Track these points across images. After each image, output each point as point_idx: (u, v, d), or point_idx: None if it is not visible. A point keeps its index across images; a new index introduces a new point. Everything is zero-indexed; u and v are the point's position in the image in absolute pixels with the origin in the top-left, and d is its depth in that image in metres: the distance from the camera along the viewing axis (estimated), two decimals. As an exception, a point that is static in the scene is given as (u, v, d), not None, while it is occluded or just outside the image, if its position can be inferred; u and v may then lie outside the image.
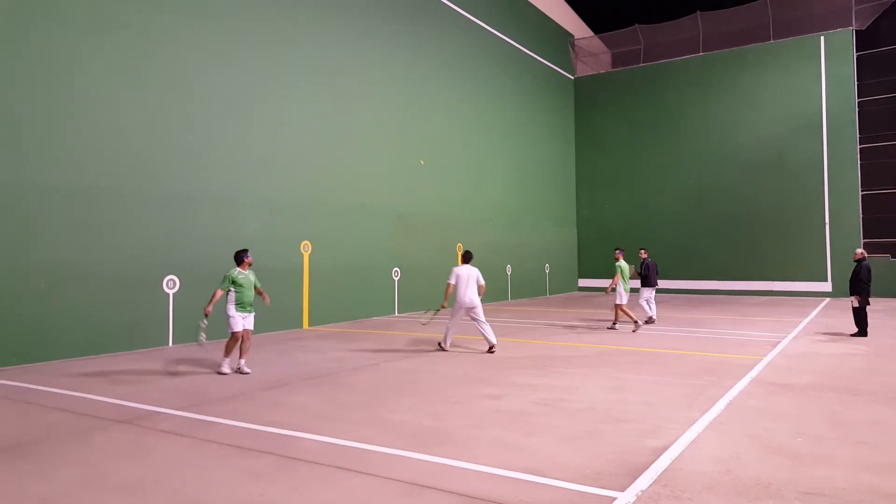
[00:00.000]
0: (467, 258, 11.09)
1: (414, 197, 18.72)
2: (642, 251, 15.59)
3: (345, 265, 16.05)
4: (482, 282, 10.85)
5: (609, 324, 14.65)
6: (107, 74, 11.17)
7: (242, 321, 9.05)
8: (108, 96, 11.17)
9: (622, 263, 14.33)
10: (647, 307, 15.12)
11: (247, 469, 4.82)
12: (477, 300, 10.72)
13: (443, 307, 11.04)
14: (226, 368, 8.99)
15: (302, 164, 14.98)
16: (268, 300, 9.55)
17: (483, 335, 10.69)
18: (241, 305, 9.05)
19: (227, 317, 9.04)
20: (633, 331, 13.48)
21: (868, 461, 4.85)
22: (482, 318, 10.72)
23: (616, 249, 14.87)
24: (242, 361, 9.04)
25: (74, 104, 10.68)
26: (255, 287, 9.25)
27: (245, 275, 9.15)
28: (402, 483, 4.47)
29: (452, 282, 10.71)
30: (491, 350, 10.69)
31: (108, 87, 11.18)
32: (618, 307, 13.98)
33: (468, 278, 10.71)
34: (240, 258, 9.24)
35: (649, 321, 14.98)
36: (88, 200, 10.78)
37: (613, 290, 14.23)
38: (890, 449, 5.17)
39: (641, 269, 15.15)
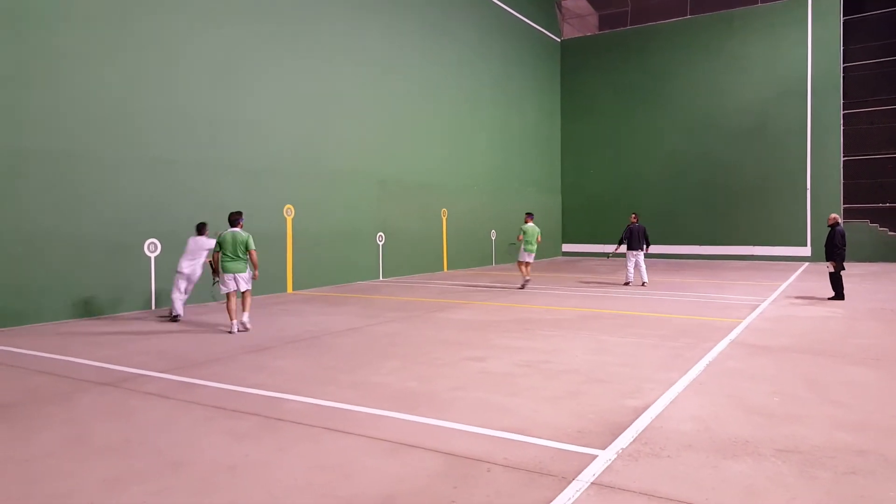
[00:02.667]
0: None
1: (398, 162, 18.57)
2: (632, 216, 16.33)
3: (328, 230, 15.96)
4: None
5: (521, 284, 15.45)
6: (86, 35, 10.85)
7: (231, 281, 9.24)
8: (87, 58, 10.88)
9: (524, 226, 15.28)
10: (629, 270, 15.73)
11: (232, 430, 4.84)
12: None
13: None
14: (234, 328, 9.26)
15: (285, 129, 14.76)
16: (256, 273, 9.61)
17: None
18: (223, 267, 9.25)
19: None
20: (520, 287, 15.06)
21: (842, 420, 4.97)
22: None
23: (527, 213, 15.86)
24: (245, 317, 9.38)
25: (55, 67, 10.40)
26: (248, 248, 9.32)
27: (231, 234, 9.26)
28: (388, 442, 4.52)
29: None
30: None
31: (88, 49, 10.88)
32: (518, 264, 15.35)
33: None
34: (230, 220, 9.44)
35: (627, 284, 15.66)
36: (68, 164, 10.58)
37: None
38: (863, 408, 5.31)
39: (623, 234, 15.98)
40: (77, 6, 10.74)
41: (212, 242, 10.28)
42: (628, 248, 15.76)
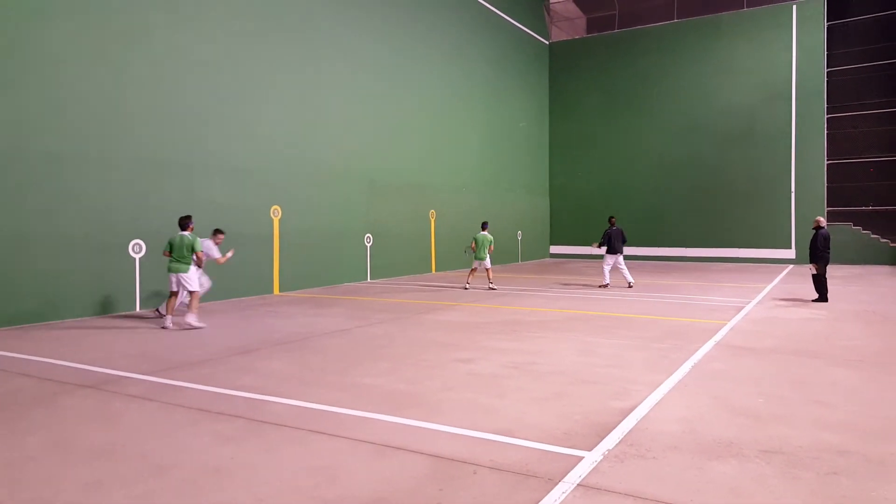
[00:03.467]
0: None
1: (387, 163, 18.54)
2: (610, 219, 16.37)
3: (316, 231, 15.91)
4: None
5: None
6: (74, 35, 10.75)
7: (173, 281, 9.89)
8: (74, 58, 10.78)
9: (477, 235, 15.61)
10: (606, 273, 15.79)
11: (217, 433, 4.81)
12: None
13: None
14: (167, 323, 9.76)
15: (272, 130, 14.70)
16: (202, 266, 10.29)
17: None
18: (168, 267, 9.90)
19: None
20: (465, 288, 15.57)
21: (826, 420, 5.02)
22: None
23: (483, 223, 16.14)
24: (191, 317, 9.78)
25: (40, 66, 10.28)
26: (193, 250, 9.85)
27: (179, 237, 9.86)
28: (374, 445, 4.51)
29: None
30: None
31: (75, 49, 10.78)
32: (471, 271, 15.82)
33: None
34: (181, 223, 10.02)
35: (603, 286, 15.64)
36: (52, 164, 10.47)
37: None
38: (846, 409, 5.36)
39: (602, 237, 16.05)
40: (62, 6, 10.64)
41: (205, 243, 10.74)
42: (608, 252, 15.83)
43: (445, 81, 21.49)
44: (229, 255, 10.94)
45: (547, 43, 29.53)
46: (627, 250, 26.90)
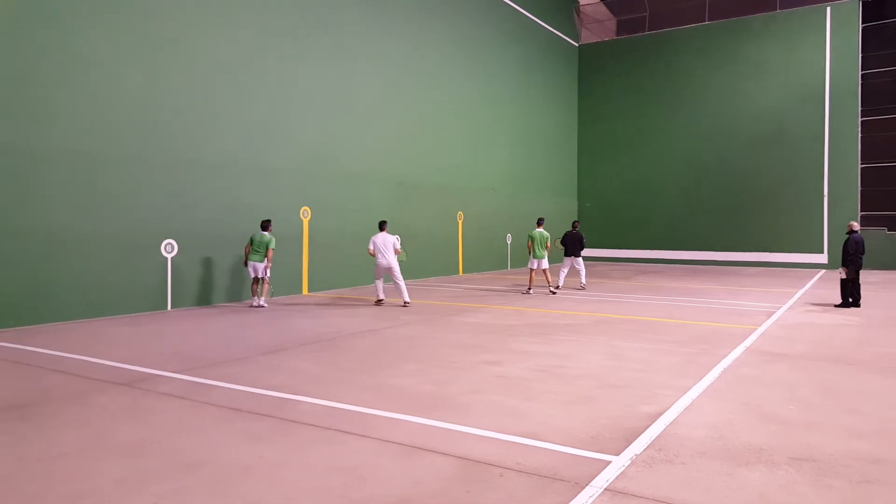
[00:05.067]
0: (382, 227, 13.07)
1: (416, 165, 18.63)
2: (573, 223, 17.27)
3: (345, 231, 16.03)
4: (398, 246, 12.94)
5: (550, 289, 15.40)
6: (108, 38, 11.02)
7: (251, 269, 12.34)
8: (109, 60, 11.04)
9: (533, 231, 15.22)
10: (560, 275, 16.11)
11: (247, 431, 4.88)
12: (394, 263, 12.74)
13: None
14: (253, 302, 12.48)
15: (302, 131, 14.87)
16: (269, 264, 12.41)
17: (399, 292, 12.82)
18: (248, 256, 12.33)
19: None
20: (552, 292, 14.93)
21: (858, 428, 4.93)
22: (399, 278, 12.84)
23: (538, 219, 15.97)
24: (262, 299, 12.46)
25: (75, 67, 10.56)
26: (268, 248, 12.23)
27: (259, 235, 12.27)
28: (402, 445, 4.54)
29: (371, 248, 12.76)
30: (405, 305, 12.59)
31: (110, 51, 11.04)
32: (531, 272, 15.24)
33: (384, 245, 12.70)
34: (262, 225, 12.46)
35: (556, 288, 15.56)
36: (88, 164, 10.73)
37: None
38: (879, 417, 5.25)
39: (563, 240, 16.38)
40: (96, 9, 10.89)
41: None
42: (565, 254, 16.26)
43: (474, 83, 21.51)
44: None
45: (576, 45, 29.40)
46: (656, 253, 26.96)
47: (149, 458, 4.31)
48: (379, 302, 12.80)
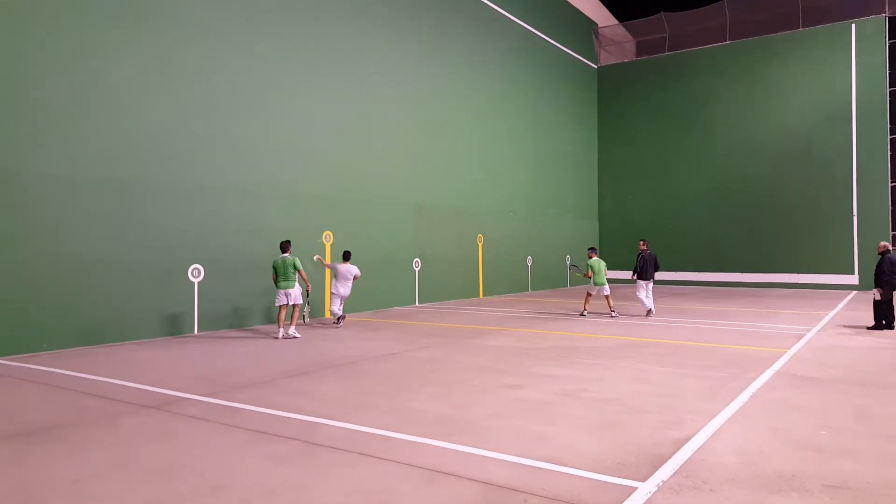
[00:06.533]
0: (347, 257, 13.35)
1: (435, 189, 18.74)
2: (642, 243, 15.55)
3: (366, 256, 16.12)
4: (358, 274, 13.22)
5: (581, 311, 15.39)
6: (132, 66, 11.32)
7: (283, 296, 11.37)
8: (133, 88, 11.33)
9: (591, 261, 15.30)
10: (644, 300, 14.87)
11: (272, 454, 4.90)
12: (348, 292, 13.26)
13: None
14: (279, 334, 11.29)
15: (324, 157, 15.07)
16: (308, 285, 12.13)
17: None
18: (277, 284, 11.41)
19: None
20: (581, 314, 15.02)
21: (894, 455, 4.79)
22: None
23: (589, 249, 15.95)
24: (291, 329, 11.36)
25: (100, 96, 10.85)
26: (296, 268, 11.48)
27: (281, 259, 11.42)
28: (424, 470, 4.52)
29: (334, 274, 13.24)
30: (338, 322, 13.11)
31: (134, 80, 11.34)
32: (587, 295, 15.34)
33: (347, 273, 13.05)
34: (282, 247, 11.65)
35: (648, 314, 14.73)
36: (115, 191, 10.97)
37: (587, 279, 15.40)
38: (917, 443, 5.11)
39: (637, 262, 15.10)
40: (123, 40, 11.22)
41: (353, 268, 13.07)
42: (640, 278, 14.94)
43: (493, 106, 21.66)
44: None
45: (595, 67, 29.49)
46: (681, 275, 26.65)
47: (176, 481, 4.35)
48: (339, 319, 13.16)
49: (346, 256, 13.32)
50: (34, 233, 9.88)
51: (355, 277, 13.16)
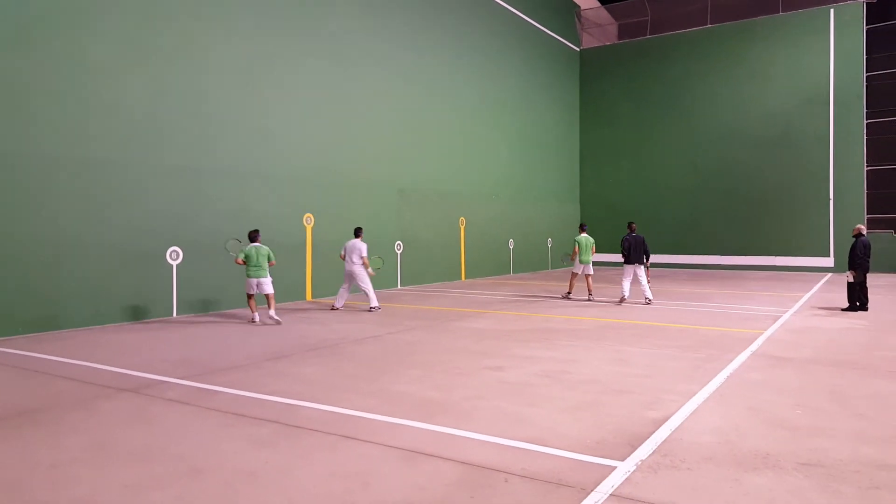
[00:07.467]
0: (357, 233, 13.03)
1: (417, 172, 18.66)
2: (630, 224, 14.46)
3: (347, 238, 15.99)
4: (364, 255, 12.67)
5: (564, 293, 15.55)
6: (111, 45, 11.08)
7: (253, 285, 11.10)
8: (112, 68, 11.09)
9: (578, 237, 15.16)
10: (624, 286, 13.94)
11: (252, 437, 4.88)
12: (358, 270, 12.62)
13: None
14: (255, 318, 11.08)
15: (305, 139, 14.91)
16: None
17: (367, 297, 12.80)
18: (248, 273, 11.12)
19: None
20: (563, 296, 15.13)
21: (867, 434, 4.89)
22: (364, 284, 12.69)
23: (580, 225, 15.78)
24: (271, 312, 11.03)
25: (79, 75, 10.61)
26: (269, 259, 11.23)
27: (255, 248, 11.10)
28: (406, 451, 4.53)
29: (342, 252, 12.88)
30: (371, 310, 12.62)
31: (113, 59, 11.10)
32: (572, 275, 15.32)
33: (351, 250, 12.67)
34: (250, 236, 11.31)
35: (621, 301, 13.89)
36: (92, 172, 10.77)
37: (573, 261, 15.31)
38: (889, 422, 5.22)
39: (623, 245, 14.01)
40: (103, 17, 10.96)
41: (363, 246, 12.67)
42: (626, 262, 14.00)
43: (475, 89, 21.55)
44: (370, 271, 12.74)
45: (578, 50, 29.43)
46: (661, 258, 26.87)
47: (155, 464, 4.32)
48: (333, 309, 12.86)
49: (357, 233, 13.04)
50: (7, 213, 9.68)
51: (362, 259, 12.67)
